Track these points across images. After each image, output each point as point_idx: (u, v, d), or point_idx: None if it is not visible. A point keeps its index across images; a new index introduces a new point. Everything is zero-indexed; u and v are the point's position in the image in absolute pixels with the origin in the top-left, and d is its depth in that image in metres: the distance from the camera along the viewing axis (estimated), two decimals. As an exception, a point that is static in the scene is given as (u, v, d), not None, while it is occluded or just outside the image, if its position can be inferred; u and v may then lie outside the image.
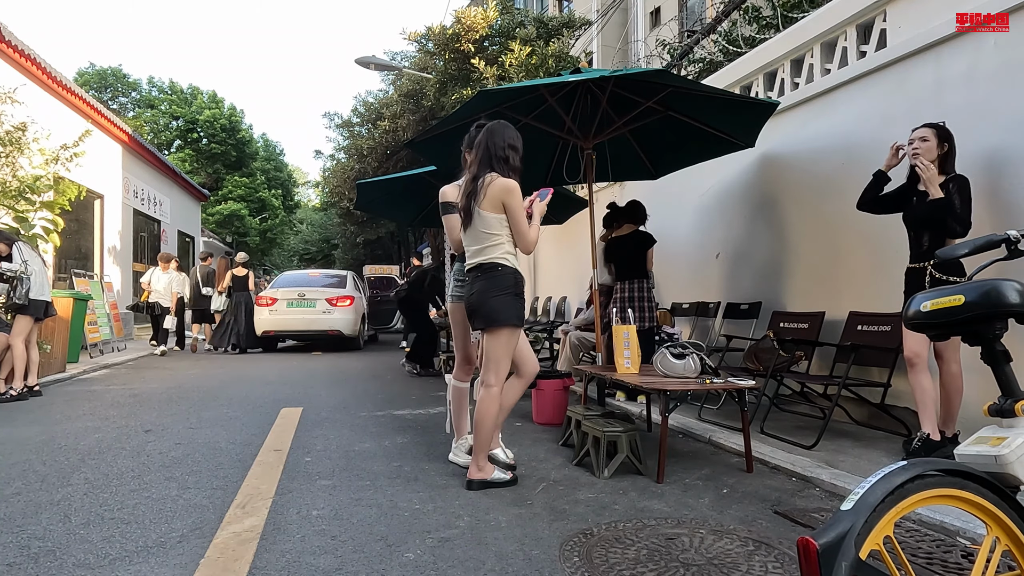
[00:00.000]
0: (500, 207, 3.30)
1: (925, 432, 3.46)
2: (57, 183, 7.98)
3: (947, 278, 3.37)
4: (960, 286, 1.43)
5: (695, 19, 9.71)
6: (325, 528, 2.76)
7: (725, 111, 5.07)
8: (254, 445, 4.29)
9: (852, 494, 1.20)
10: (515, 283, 3.32)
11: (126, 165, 15.13)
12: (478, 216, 3.33)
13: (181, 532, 2.70)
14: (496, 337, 3.30)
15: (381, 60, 12.33)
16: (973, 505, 1.27)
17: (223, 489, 3.31)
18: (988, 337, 1.43)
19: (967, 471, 1.27)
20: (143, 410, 5.67)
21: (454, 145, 5.57)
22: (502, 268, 3.30)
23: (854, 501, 1.17)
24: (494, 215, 3.31)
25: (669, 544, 2.57)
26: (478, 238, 3.36)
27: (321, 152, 41.37)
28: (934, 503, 1.24)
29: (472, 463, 3.37)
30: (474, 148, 3.47)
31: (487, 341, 3.35)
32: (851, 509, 1.16)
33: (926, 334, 1.56)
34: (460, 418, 3.91)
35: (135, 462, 3.85)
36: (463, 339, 3.88)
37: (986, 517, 1.28)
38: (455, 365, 3.96)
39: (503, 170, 3.36)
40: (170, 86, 33.51)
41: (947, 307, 1.43)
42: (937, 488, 1.22)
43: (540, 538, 2.64)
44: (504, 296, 3.27)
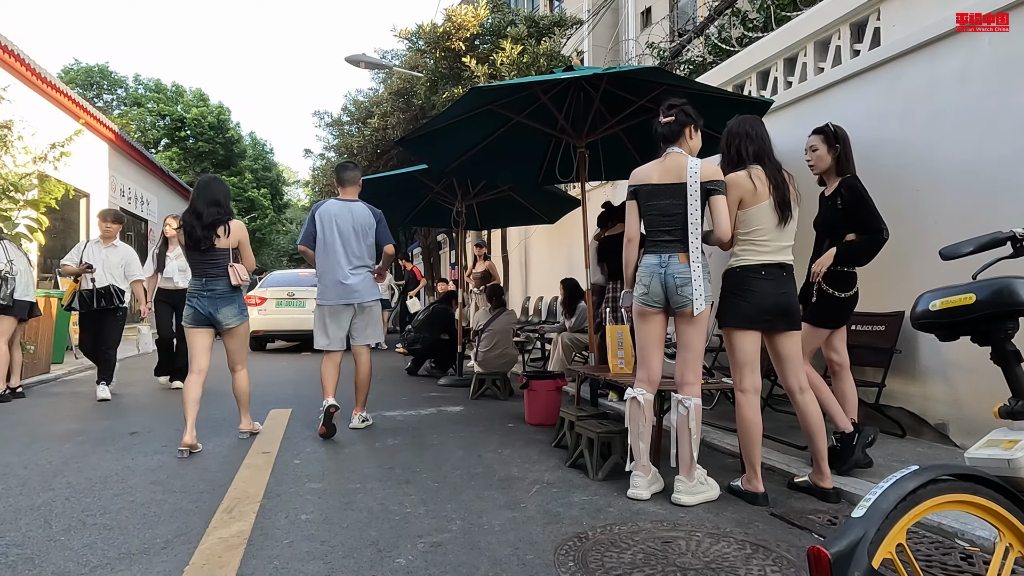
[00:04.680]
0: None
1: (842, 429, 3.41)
2: (43, 181, 7.85)
3: (831, 291, 3.37)
4: (971, 284, 1.39)
5: (687, 19, 9.69)
6: (314, 533, 2.69)
7: (718, 110, 5.03)
8: (242, 447, 4.22)
9: (864, 500, 1.16)
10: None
11: (112, 163, 14.94)
12: (795, 211, 3.18)
13: (166, 538, 2.63)
14: (795, 337, 3.17)
15: (371, 58, 12.23)
16: (986, 511, 1.23)
17: (210, 493, 3.24)
18: (999, 337, 1.39)
19: (980, 475, 1.23)
20: (129, 412, 5.57)
21: (445, 143, 5.54)
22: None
23: (865, 508, 1.13)
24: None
25: (665, 548, 2.53)
26: (790, 235, 3.18)
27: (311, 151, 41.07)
28: (947, 509, 1.20)
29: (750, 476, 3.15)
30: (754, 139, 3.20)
31: (791, 343, 3.17)
32: (863, 516, 1.12)
33: (934, 334, 1.52)
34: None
35: (119, 465, 3.76)
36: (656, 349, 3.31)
37: (999, 523, 1.24)
38: (638, 380, 3.31)
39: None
40: (156, 84, 33.18)
41: (957, 306, 1.39)
42: (950, 494, 1.18)
43: (534, 542, 2.59)
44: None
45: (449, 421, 5.20)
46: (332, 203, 4.83)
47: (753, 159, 3.14)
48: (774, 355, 3.22)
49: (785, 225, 3.10)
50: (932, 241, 3.98)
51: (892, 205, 4.10)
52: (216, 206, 4.25)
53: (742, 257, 3.14)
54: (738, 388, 3.17)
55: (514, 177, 6.67)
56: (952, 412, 3.94)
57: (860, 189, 3.38)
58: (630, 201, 3.26)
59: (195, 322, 4.29)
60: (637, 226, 3.26)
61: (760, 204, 3.09)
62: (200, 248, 4.21)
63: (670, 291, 3.11)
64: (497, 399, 6.31)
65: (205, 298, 4.25)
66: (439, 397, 6.47)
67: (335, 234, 4.72)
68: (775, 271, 3.10)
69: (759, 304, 3.07)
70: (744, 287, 3.11)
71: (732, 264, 3.18)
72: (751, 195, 3.09)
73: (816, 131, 3.54)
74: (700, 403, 3.16)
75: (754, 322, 3.10)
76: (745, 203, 3.11)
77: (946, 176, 3.96)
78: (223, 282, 4.27)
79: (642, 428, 3.19)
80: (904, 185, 4.18)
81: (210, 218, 4.20)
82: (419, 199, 8.06)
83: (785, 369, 3.18)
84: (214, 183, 4.38)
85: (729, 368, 3.28)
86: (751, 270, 3.11)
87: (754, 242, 3.12)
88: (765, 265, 3.10)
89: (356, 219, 4.76)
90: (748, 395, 3.13)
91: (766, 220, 3.09)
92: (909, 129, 4.20)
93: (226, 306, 4.27)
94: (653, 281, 3.14)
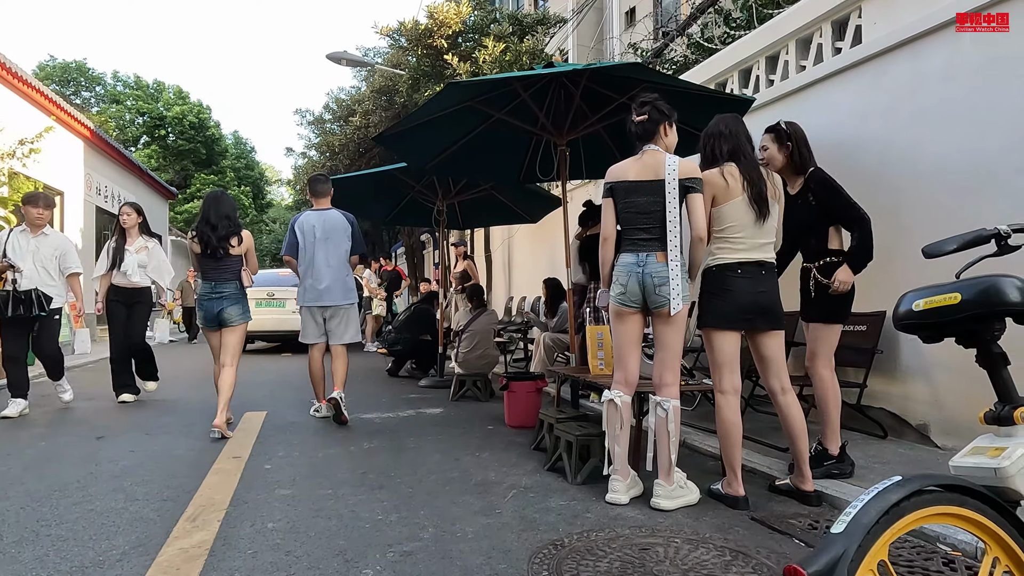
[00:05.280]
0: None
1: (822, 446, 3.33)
2: (11, 179, 7.65)
3: (828, 282, 3.25)
4: (956, 283, 1.32)
5: (669, 17, 9.65)
6: (280, 542, 2.59)
7: (699, 107, 4.97)
8: (212, 452, 4.09)
9: (844, 514, 1.09)
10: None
11: (88, 161, 14.67)
12: (773, 208, 3.09)
13: (122, 549, 2.51)
14: (778, 338, 3.11)
15: (353, 56, 12.09)
16: (972, 523, 1.16)
17: (174, 500, 3.12)
18: (985, 339, 1.33)
19: (966, 486, 1.16)
20: (97, 416, 5.42)
21: (424, 141, 5.44)
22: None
23: (846, 523, 1.06)
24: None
25: (643, 555, 2.46)
26: (770, 232, 3.10)
27: (292, 150, 40.76)
28: (932, 522, 1.14)
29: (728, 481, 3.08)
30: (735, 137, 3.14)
31: (773, 343, 3.09)
32: (843, 532, 1.04)
33: (917, 335, 1.45)
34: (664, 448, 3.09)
35: (82, 472, 3.63)
36: (634, 349, 3.23)
37: (985, 535, 1.18)
38: (615, 381, 3.23)
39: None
40: (136, 81, 32.70)
41: (942, 306, 1.32)
42: (935, 506, 1.11)
43: (508, 550, 2.50)
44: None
45: (428, 423, 5.11)
46: (309, 214, 5.29)
47: (728, 157, 3.08)
48: (756, 356, 3.15)
49: (764, 222, 3.04)
50: (914, 240, 3.95)
51: (874, 204, 4.05)
52: (228, 219, 4.76)
53: (718, 255, 3.08)
54: (717, 389, 3.11)
55: (495, 176, 6.58)
56: (933, 413, 3.91)
57: (829, 180, 3.29)
58: (606, 199, 3.19)
59: (208, 324, 4.80)
60: (613, 225, 3.19)
61: (733, 200, 3.02)
62: (216, 256, 4.71)
63: (648, 291, 3.04)
64: (478, 400, 6.22)
65: (214, 300, 4.72)
66: (419, 399, 6.37)
67: (313, 242, 5.15)
68: (753, 269, 3.03)
69: (736, 303, 3.01)
70: (721, 286, 3.04)
71: (709, 263, 3.11)
72: (723, 191, 3.03)
73: (767, 130, 3.45)
74: (679, 405, 3.10)
75: (732, 322, 3.04)
76: (718, 200, 3.05)
77: (929, 175, 3.93)
78: (231, 286, 4.78)
79: (619, 431, 3.11)
80: (886, 184, 4.15)
81: (224, 230, 4.70)
82: (400, 198, 7.94)
83: (767, 370, 3.12)
84: (223, 197, 4.94)
85: (708, 369, 3.22)
86: (728, 268, 3.04)
87: (728, 239, 3.05)
88: (742, 263, 3.03)
89: (331, 227, 5.20)
90: (728, 396, 3.07)
91: (740, 217, 3.02)
92: (892, 127, 4.17)
93: (232, 306, 4.74)
94: (631, 280, 3.07)
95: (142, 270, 5.99)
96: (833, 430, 3.32)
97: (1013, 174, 3.47)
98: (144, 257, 6.04)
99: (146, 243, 6.13)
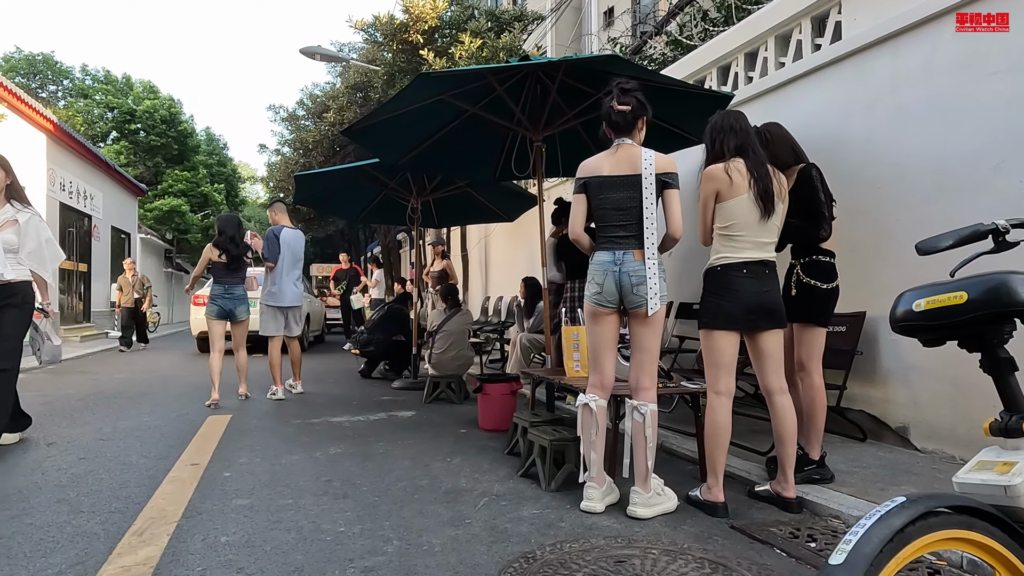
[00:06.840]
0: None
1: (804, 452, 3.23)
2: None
3: (811, 281, 3.18)
4: (961, 281, 1.21)
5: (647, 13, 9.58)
6: (232, 558, 2.41)
7: (678, 103, 4.88)
8: (170, 459, 3.89)
9: (843, 543, 0.96)
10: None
11: (51, 156, 14.20)
12: (778, 207, 2.96)
13: (59, 568, 2.32)
14: (779, 335, 2.99)
15: (327, 51, 11.84)
16: (981, 548, 1.04)
17: (122, 512, 2.92)
18: (992, 342, 1.21)
19: (975, 507, 1.04)
20: (52, 420, 5.18)
21: (395, 135, 5.27)
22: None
23: (846, 553, 0.93)
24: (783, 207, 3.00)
25: (618, 568, 2.33)
26: (773, 231, 2.97)
27: (266, 146, 40.16)
28: (940, 547, 1.02)
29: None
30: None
31: (774, 341, 2.98)
32: (843, 564, 0.92)
33: (917, 338, 1.33)
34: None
35: (26, 481, 3.41)
36: (610, 351, 3.12)
37: (994, 560, 1.06)
38: (590, 385, 3.12)
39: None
40: (105, 75, 31.91)
41: (946, 306, 1.20)
42: (943, 530, 0.99)
43: (477, 564, 2.36)
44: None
45: (399, 427, 4.94)
46: (286, 231, 6.50)
47: (735, 152, 2.95)
48: (755, 354, 3.02)
49: (768, 219, 2.92)
50: (895, 240, 3.89)
51: (854, 203, 4.00)
52: (241, 239, 6.10)
53: (723, 255, 2.95)
54: (712, 390, 2.99)
55: (470, 173, 6.42)
56: (913, 415, 3.84)
57: (811, 178, 3.20)
58: (578, 195, 3.05)
59: (218, 316, 5.94)
60: (582, 223, 3.04)
61: (738, 197, 2.89)
62: (232, 267, 5.98)
63: (625, 290, 2.91)
64: (452, 403, 6.06)
65: (227, 299, 5.95)
66: (391, 401, 6.19)
67: (288, 255, 6.42)
68: (757, 269, 2.92)
69: (742, 304, 2.89)
70: (726, 286, 2.92)
71: (713, 263, 2.98)
72: (727, 187, 2.90)
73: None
74: (656, 409, 2.98)
75: (737, 322, 2.92)
76: (722, 195, 2.92)
77: (910, 173, 3.86)
78: (240, 288, 6.05)
79: (595, 436, 2.98)
80: (867, 182, 4.08)
81: (244, 248, 6.10)
82: (373, 195, 7.75)
83: (766, 367, 3.00)
84: (238, 218, 6.46)
85: (688, 371, 3.11)
86: (733, 268, 2.92)
87: (732, 238, 2.92)
88: (747, 263, 2.91)
89: (298, 248, 6.58)
90: (722, 398, 2.96)
91: (745, 214, 2.90)
92: (872, 124, 4.10)
93: (241, 305, 6.05)
94: (607, 280, 2.94)
95: (11, 257, 4.09)
96: (818, 436, 3.22)
97: (992, 172, 3.41)
98: (12, 236, 4.10)
99: (16, 215, 4.17)
